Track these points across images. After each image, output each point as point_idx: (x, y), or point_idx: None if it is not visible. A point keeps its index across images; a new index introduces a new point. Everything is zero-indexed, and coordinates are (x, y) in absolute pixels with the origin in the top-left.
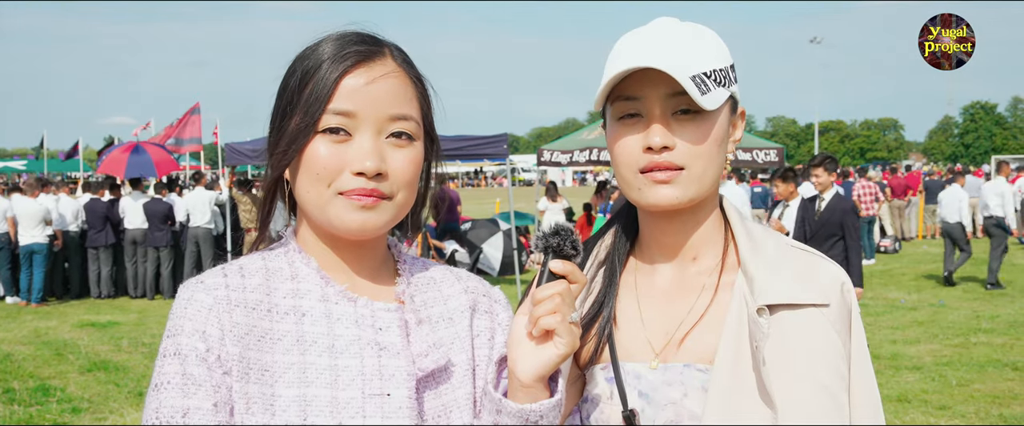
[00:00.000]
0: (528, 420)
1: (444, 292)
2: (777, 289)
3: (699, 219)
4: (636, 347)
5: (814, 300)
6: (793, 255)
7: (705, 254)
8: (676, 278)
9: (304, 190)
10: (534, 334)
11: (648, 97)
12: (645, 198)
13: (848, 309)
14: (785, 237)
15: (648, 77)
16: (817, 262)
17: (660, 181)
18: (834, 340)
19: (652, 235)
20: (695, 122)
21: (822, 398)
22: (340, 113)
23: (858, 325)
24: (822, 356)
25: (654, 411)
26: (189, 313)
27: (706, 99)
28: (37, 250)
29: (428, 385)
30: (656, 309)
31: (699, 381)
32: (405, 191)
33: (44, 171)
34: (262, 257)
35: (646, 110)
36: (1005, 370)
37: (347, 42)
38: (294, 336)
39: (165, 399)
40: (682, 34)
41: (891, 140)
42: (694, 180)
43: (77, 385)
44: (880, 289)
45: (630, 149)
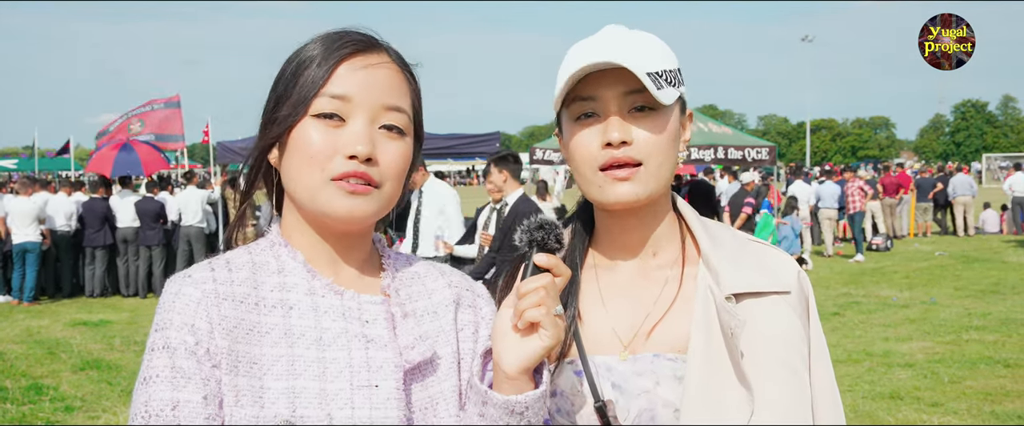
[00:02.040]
0: (514, 411)
1: (428, 286)
2: (742, 279)
3: (657, 216)
4: (604, 340)
5: (776, 288)
6: (750, 248)
7: (664, 249)
8: (638, 272)
9: (294, 176)
10: (519, 327)
11: (604, 96)
12: (606, 196)
13: (806, 296)
14: (738, 232)
15: (604, 77)
16: (773, 253)
17: (620, 178)
18: (796, 325)
19: (611, 233)
20: (651, 118)
21: (790, 379)
22: (335, 97)
23: (814, 311)
24: (787, 340)
25: (627, 401)
26: (177, 307)
27: (662, 94)
28: (30, 249)
29: (415, 377)
30: (620, 303)
31: (670, 370)
32: (392, 183)
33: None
34: (248, 251)
35: (602, 109)
36: (997, 367)
37: (344, 35)
38: (282, 329)
39: (154, 392)
40: (633, 37)
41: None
42: (652, 175)
43: (70, 384)
44: (872, 287)
45: (588, 146)
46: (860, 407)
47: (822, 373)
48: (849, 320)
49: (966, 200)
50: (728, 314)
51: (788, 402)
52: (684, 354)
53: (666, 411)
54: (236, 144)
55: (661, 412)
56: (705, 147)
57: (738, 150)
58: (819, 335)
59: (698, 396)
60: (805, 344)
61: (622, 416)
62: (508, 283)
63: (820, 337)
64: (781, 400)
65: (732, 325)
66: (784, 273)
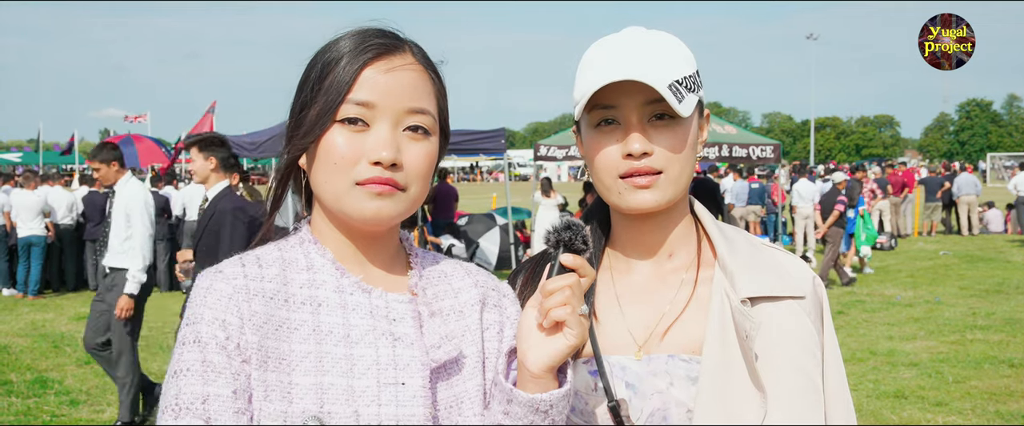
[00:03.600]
0: (538, 409)
1: (454, 286)
2: (759, 282)
3: (674, 219)
4: (618, 340)
5: (792, 292)
6: (766, 252)
7: (680, 252)
8: (654, 274)
9: (322, 180)
10: (545, 326)
11: (625, 105)
12: (626, 202)
13: (820, 301)
14: (753, 236)
15: (624, 86)
16: (788, 258)
17: (641, 186)
18: (810, 329)
19: (628, 235)
20: (670, 127)
21: (804, 383)
22: (359, 103)
23: (829, 317)
24: (802, 344)
25: (640, 401)
26: (209, 302)
27: (683, 106)
28: (35, 242)
29: (440, 376)
30: (636, 304)
31: (684, 371)
32: (418, 184)
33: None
34: (278, 247)
35: (623, 118)
36: (1001, 367)
37: (368, 36)
38: (311, 326)
39: (185, 385)
40: (653, 43)
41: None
42: (672, 183)
43: (75, 377)
44: (876, 286)
45: (610, 156)
46: (864, 406)
47: (835, 378)
48: (853, 319)
49: (970, 199)
50: (743, 316)
51: (801, 406)
52: (698, 355)
53: (679, 411)
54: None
55: (674, 412)
56: (709, 145)
57: (743, 148)
58: (833, 340)
59: (712, 397)
60: (818, 349)
61: (635, 416)
62: (528, 283)
63: (834, 343)
64: (794, 404)
65: (747, 328)
66: (799, 278)
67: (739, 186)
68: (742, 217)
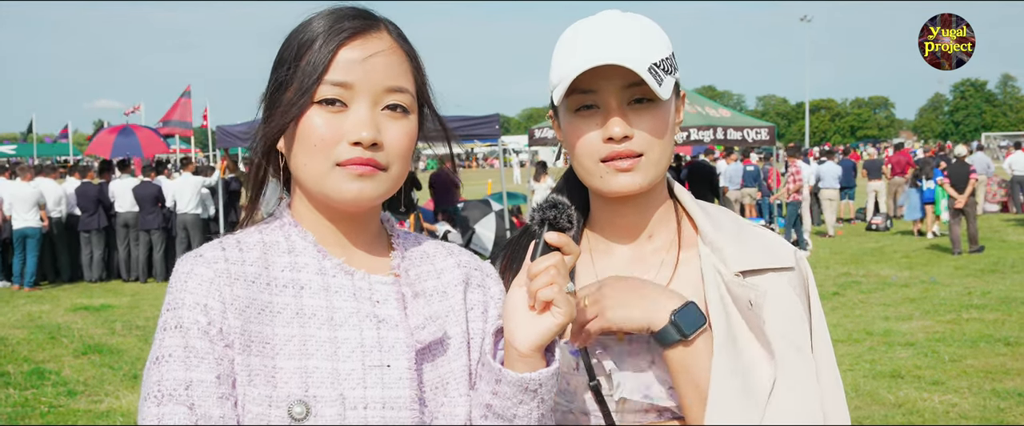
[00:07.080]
0: (528, 388)
1: (437, 266)
2: (749, 256)
3: (653, 201)
4: None
5: (780, 264)
6: (749, 229)
7: (659, 233)
8: (634, 256)
9: (301, 162)
10: (532, 305)
11: (604, 89)
12: (609, 186)
13: (805, 276)
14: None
15: (603, 70)
16: (771, 234)
17: (623, 170)
18: (796, 302)
19: (607, 217)
20: (650, 110)
21: (795, 353)
22: (336, 84)
23: (814, 291)
24: (789, 316)
25: (623, 380)
26: (190, 286)
27: (663, 89)
28: (30, 234)
29: (425, 357)
30: None
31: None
32: (399, 163)
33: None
34: (259, 231)
35: (602, 102)
36: (997, 345)
37: (342, 16)
38: (294, 309)
39: (167, 371)
40: (630, 26)
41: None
42: (653, 165)
43: (72, 368)
44: (872, 266)
45: (591, 141)
46: (861, 386)
47: (823, 351)
48: (849, 300)
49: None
50: (744, 287)
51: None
52: None
53: (661, 389)
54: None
55: (656, 390)
56: (704, 128)
57: (737, 131)
58: (819, 314)
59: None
60: (806, 322)
61: (618, 394)
62: (510, 263)
63: (820, 316)
64: (796, 369)
65: (751, 297)
66: (784, 252)
67: (733, 168)
68: (737, 200)
